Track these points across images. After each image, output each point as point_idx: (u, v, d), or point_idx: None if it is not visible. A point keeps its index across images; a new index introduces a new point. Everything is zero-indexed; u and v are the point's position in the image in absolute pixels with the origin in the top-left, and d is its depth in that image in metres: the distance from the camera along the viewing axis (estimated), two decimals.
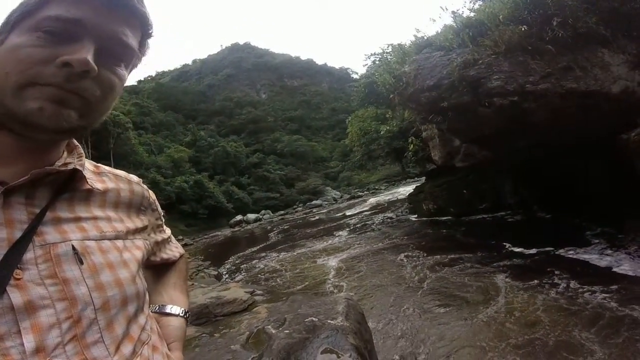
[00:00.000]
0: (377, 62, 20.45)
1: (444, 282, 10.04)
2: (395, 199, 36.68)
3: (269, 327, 3.97)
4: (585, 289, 8.20)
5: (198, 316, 4.63)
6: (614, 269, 8.97)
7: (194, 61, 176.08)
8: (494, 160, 13.52)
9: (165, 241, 1.27)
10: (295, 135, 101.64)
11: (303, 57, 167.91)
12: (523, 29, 9.74)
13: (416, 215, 21.94)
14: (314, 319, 4.00)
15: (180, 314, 1.20)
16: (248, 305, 4.99)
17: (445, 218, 19.02)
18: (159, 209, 1.19)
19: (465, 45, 10.52)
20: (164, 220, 1.24)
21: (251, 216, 51.07)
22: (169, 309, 1.20)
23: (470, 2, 12.65)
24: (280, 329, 3.87)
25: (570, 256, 10.35)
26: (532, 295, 8.21)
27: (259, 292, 6.15)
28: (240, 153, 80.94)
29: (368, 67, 22.31)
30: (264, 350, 3.49)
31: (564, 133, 10.82)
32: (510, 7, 10.19)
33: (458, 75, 10.04)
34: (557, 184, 14.14)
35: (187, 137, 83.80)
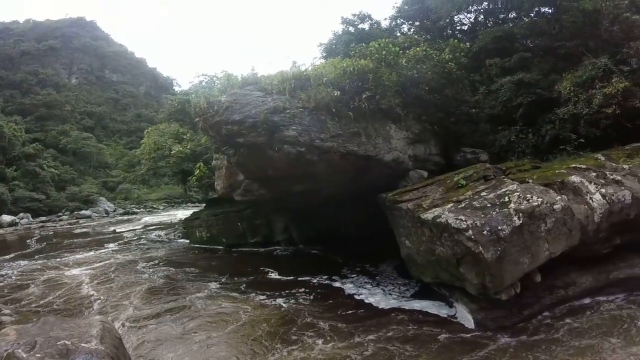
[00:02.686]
0: (203, 83, 18.28)
1: (202, 303, 10.07)
2: (171, 221, 32.62)
3: (19, 350, 3.44)
4: (324, 306, 9.42)
5: None
6: (359, 297, 10.12)
7: (27, 21, 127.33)
8: (270, 200, 12.99)
9: None
10: (87, 132, 80.00)
11: (138, 54, 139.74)
12: (336, 94, 9.61)
13: (188, 241, 19.65)
14: (67, 342, 3.51)
15: None
16: None
17: (216, 247, 17.48)
18: None
19: (283, 93, 9.91)
20: None
21: (6, 218, 36.81)
22: None
23: (320, 58, 12.40)
24: (31, 352, 3.40)
25: (323, 282, 11.39)
26: (288, 308, 9.35)
27: (6, 311, 5.63)
28: (17, 138, 57.26)
29: (192, 85, 19.95)
30: None
31: (339, 186, 11.00)
32: (337, 74, 10.04)
33: (263, 117, 9.32)
34: (326, 226, 14.69)
35: None
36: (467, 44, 15.43)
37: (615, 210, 8.40)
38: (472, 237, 7.29)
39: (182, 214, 35.02)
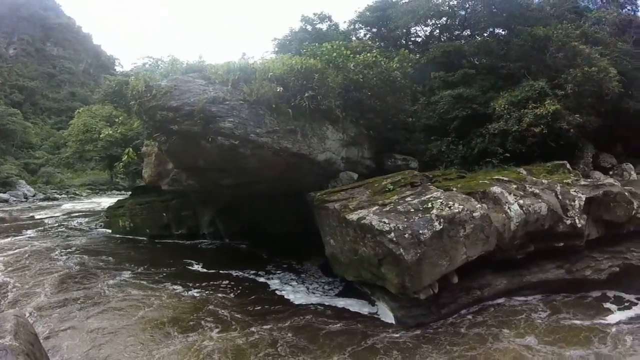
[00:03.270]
0: (146, 66, 17.59)
1: (114, 292, 10.25)
2: (94, 209, 31.08)
3: None
4: (240, 299, 9.86)
5: None
6: (280, 292, 10.45)
7: None
8: (198, 191, 12.86)
9: None
10: (15, 108, 74.00)
11: (85, 29, 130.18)
12: (279, 90, 9.67)
13: (110, 231, 18.87)
14: None
15: None
16: None
17: (140, 238, 16.99)
18: None
19: (226, 84, 9.85)
20: None
21: None
22: None
23: (271, 52, 12.35)
24: None
25: (247, 277, 11.63)
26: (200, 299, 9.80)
27: None
28: None
29: (135, 67, 19.19)
30: None
31: (270, 181, 11.05)
32: (284, 70, 10.09)
33: (201, 107, 9.22)
34: (254, 222, 14.65)
35: None
36: (417, 55, 16.12)
37: (531, 220, 9.14)
38: (394, 239, 7.68)
39: (107, 201, 33.17)
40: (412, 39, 20.44)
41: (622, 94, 13.66)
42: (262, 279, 11.47)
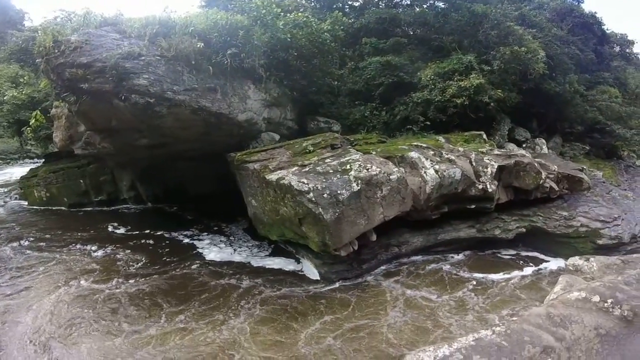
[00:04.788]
0: (58, 20, 16.33)
1: (25, 255, 10.56)
2: (7, 181, 28.96)
3: None
4: (161, 257, 10.70)
5: None
6: (200, 251, 11.22)
7: None
8: (114, 154, 12.67)
9: None
10: None
11: None
12: (199, 46, 9.71)
13: (26, 203, 17.93)
14: None
15: None
16: None
17: (59, 208, 16.43)
18: None
19: (143, 38, 9.72)
20: None
21: None
22: None
23: (198, 7, 12.07)
24: None
25: (169, 237, 12.29)
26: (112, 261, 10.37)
27: None
28: None
29: (45, 21, 17.56)
30: None
31: (189, 142, 11.22)
32: (207, 25, 10.10)
33: (114, 62, 9.10)
34: (177, 184, 14.84)
35: None
36: (352, 19, 16.74)
37: (445, 184, 10.29)
38: (313, 199, 8.38)
39: (20, 172, 31.42)
40: (350, 2, 20.85)
41: (546, 75, 15.32)
42: (186, 240, 11.98)
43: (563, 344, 3.01)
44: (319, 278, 9.46)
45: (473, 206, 11.10)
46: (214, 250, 11.15)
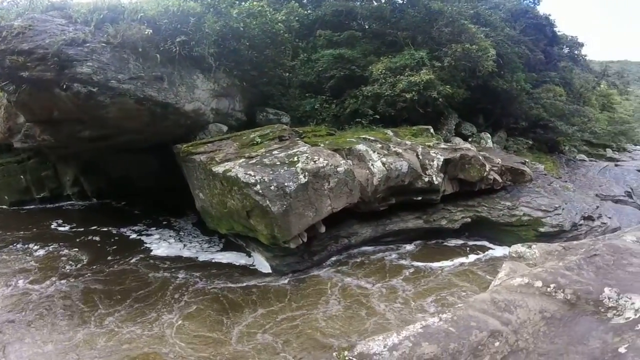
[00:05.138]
0: (5, 4, 15.36)
1: None
2: None
3: None
4: (110, 255, 10.49)
5: None
6: (148, 246, 11.11)
7: None
8: (55, 147, 12.33)
9: None
10: None
11: None
12: (148, 32, 9.55)
13: None
14: None
15: None
16: None
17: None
18: None
19: (89, 24, 9.52)
20: None
21: None
22: None
23: None
24: None
25: (116, 233, 12.11)
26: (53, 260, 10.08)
27: None
28: None
29: None
30: None
31: (135, 133, 11.06)
32: (157, 11, 9.94)
33: (57, 49, 8.84)
34: (123, 178, 14.56)
35: None
36: (309, 10, 16.93)
37: (392, 176, 10.72)
38: (260, 191, 8.54)
39: None
40: None
41: (494, 73, 16.14)
42: (134, 236, 11.84)
43: (509, 327, 3.07)
44: (270, 271, 9.63)
45: (420, 198, 11.64)
46: (163, 246, 11.07)
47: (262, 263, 9.97)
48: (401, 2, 18.94)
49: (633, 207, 16.14)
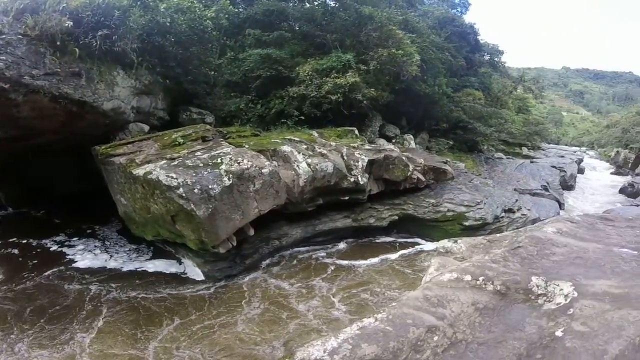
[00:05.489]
0: None
1: None
2: None
3: None
4: (28, 270, 9.64)
5: None
6: (72, 258, 10.43)
7: None
8: None
9: None
10: None
11: None
12: (68, 25, 9.07)
13: None
14: None
15: None
16: None
17: None
18: None
19: (8, 14, 8.96)
20: None
21: None
22: None
23: None
24: None
25: (35, 244, 11.21)
26: None
27: None
28: None
29: None
30: None
31: (51, 134, 10.47)
32: (81, 2, 9.46)
33: None
34: (42, 184, 13.50)
35: None
36: (240, 9, 16.95)
37: (318, 177, 11.11)
38: (184, 194, 8.37)
39: None
40: None
41: (418, 77, 17.17)
42: (55, 247, 11.04)
43: (445, 321, 3.14)
44: (203, 278, 9.48)
45: (347, 198, 12.16)
46: (87, 257, 10.43)
47: (193, 270, 9.79)
48: (333, 5, 19.48)
49: (549, 199, 17.85)
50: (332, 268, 10.27)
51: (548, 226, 5.30)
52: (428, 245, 12.23)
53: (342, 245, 11.95)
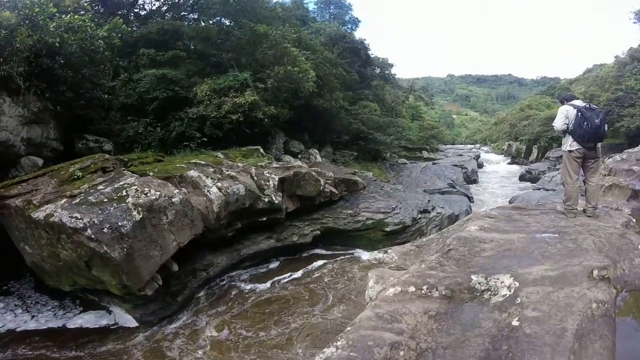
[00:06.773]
0: None
1: None
2: None
3: None
4: None
5: None
6: None
7: None
8: None
9: None
10: None
11: None
12: None
13: None
14: None
15: None
16: None
17: None
18: None
19: None
20: None
21: None
22: None
23: None
24: None
25: None
26: None
27: None
28: None
29: None
30: None
31: None
32: None
33: None
34: None
35: None
36: (135, 28, 16.72)
37: (231, 200, 11.23)
38: (93, 236, 7.77)
39: None
40: (136, 10, 20.63)
41: (315, 93, 18.35)
42: None
43: (405, 335, 3.23)
44: (137, 324, 8.93)
45: (265, 218, 12.45)
46: (7, 319, 9.10)
47: (124, 317, 9.11)
48: (228, 24, 20.15)
49: (459, 195, 20.04)
50: (256, 292, 10.71)
51: (470, 225, 5.68)
52: (359, 254, 13.37)
53: (273, 265, 12.48)
